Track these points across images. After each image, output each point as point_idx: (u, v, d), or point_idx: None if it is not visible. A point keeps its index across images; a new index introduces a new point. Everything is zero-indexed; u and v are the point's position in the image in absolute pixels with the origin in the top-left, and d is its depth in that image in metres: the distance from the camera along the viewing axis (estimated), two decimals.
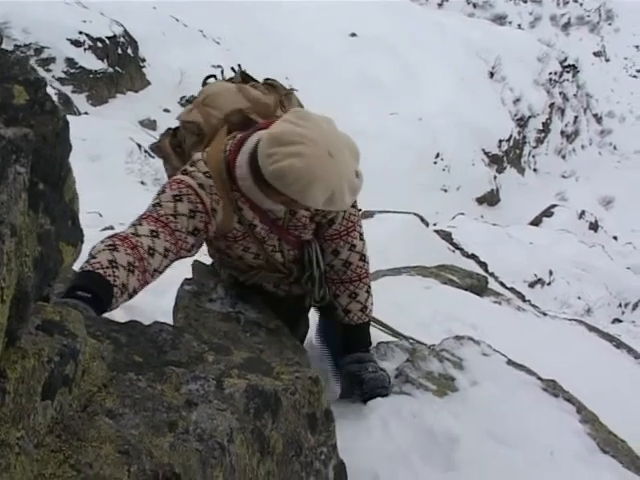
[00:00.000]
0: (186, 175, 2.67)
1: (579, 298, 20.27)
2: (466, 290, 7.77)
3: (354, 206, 2.98)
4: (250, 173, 2.59)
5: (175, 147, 3.23)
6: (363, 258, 3.10)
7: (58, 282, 1.82)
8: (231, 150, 2.73)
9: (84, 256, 1.69)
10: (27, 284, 1.28)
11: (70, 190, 1.53)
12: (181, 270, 4.14)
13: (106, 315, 3.32)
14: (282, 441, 1.72)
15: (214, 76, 3.44)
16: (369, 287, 3.16)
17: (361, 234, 3.09)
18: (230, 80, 3.39)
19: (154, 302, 4.34)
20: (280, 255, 3.00)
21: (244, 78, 3.37)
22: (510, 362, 3.75)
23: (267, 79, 3.36)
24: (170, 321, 3.09)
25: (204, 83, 3.38)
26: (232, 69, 3.49)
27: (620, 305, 21.77)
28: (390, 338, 3.70)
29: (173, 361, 1.77)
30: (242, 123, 2.97)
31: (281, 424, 1.73)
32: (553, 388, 3.54)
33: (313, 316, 3.68)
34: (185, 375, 1.69)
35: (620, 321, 19.39)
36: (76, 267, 2.90)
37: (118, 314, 3.61)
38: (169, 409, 1.56)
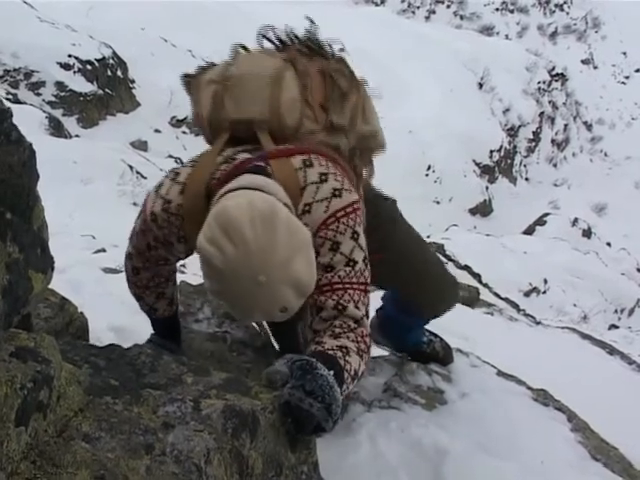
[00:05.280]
0: (153, 199, 2.43)
1: (575, 305, 20.27)
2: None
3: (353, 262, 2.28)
4: None
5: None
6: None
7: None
8: (219, 180, 2.26)
9: (55, 282, 1.70)
10: None
11: (39, 218, 1.54)
12: None
13: (94, 339, 3.33)
14: (261, 460, 1.71)
15: (265, 38, 2.75)
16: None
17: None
18: (282, 46, 2.74)
19: (146, 324, 4.33)
20: None
21: (306, 49, 2.69)
22: (500, 373, 3.76)
23: (335, 59, 2.71)
24: None
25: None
26: (298, 38, 2.75)
27: (616, 311, 21.77)
28: (379, 352, 3.68)
29: (151, 384, 1.78)
30: (250, 136, 2.45)
31: (260, 443, 1.72)
32: (543, 397, 3.54)
33: None
34: (162, 397, 1.69)
35: (617, 327, 19.37)
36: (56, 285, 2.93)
37: (108, 337, 3.62)
38: (146, 432, 1.56)
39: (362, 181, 2.79)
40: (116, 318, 3.93)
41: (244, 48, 2.72)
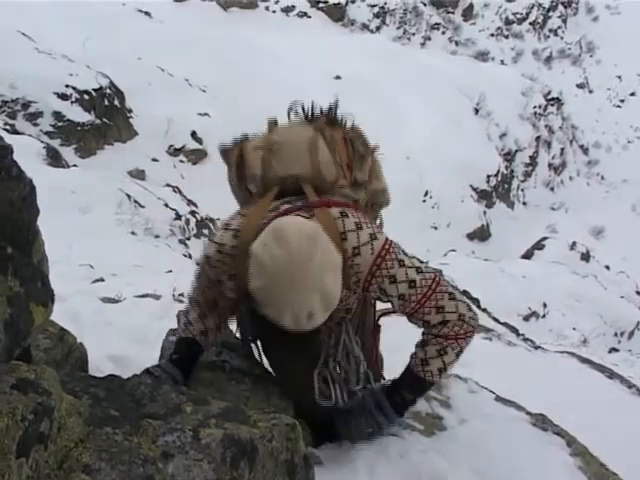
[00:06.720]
0: (207, 246, 2.84)
1: (574, 329, 20.24)
2: None
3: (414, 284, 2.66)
4: None
5: (240, 164, 3.13)
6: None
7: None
8: (268, 223, 2.56)
9: (54, 313, 1.71)
10: None
11: (39, 252, 1.56)
12: (167, 321, 4.14)
13: (93, 369, 3.34)
14: None
15: (300, 109, 3.31)
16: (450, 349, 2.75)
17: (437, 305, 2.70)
18: (312, 118, 3.26)
19: (144, 353, 4.33)
20: None
21: (330, 121, 3.20)
22: (498, 398, 3.75)
23: (352, 129, 3.23)
24: None
25: (288, 115, 3.30)
26: (322, 111, 3.28)
27: (616, 334, 21.73)
28: None
29: (151, 413, 1.78)
30: (295, 190, 2.89)
31: (258, 472, 1.72)
32: (542, 422, 3.54)
33: None
34: (162, 427, 1.69)
35: (617, 350, 19.33)
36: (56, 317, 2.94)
37: (107, 366, 3.62)
38: (145, 462, 1.56)
39: None
40: (115, 348, 3.93)
41: (275, 122, 3.24)
